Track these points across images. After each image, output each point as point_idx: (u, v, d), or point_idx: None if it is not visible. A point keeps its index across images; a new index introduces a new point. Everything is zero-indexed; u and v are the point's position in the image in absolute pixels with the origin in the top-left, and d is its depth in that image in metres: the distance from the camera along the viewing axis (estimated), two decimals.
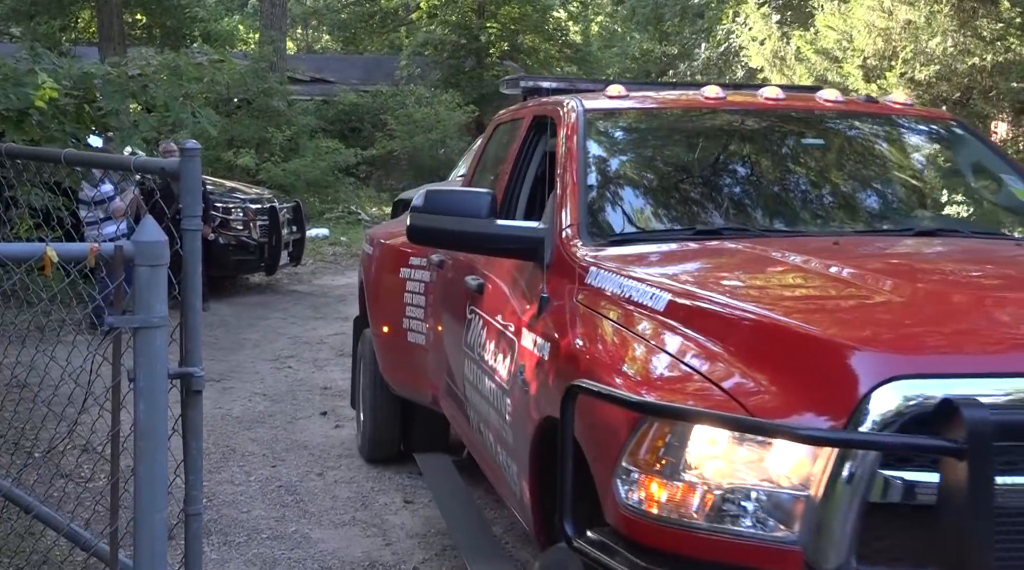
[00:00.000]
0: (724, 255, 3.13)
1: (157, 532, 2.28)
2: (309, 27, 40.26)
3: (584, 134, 3.63)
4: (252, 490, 5.27)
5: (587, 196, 3.42)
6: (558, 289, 3.06)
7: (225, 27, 30.81)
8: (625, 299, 2.75)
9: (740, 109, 4.08)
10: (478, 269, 3.98)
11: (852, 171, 3.96)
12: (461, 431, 4.43)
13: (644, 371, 2.50)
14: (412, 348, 5.00)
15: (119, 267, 2.22)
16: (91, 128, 6.17)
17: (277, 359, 8.50)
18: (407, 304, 5.03)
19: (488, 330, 3.63)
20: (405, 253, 5.12)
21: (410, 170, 22.90)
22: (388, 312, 5.27)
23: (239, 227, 11.47)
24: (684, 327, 2.49)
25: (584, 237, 3.23)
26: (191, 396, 2.43)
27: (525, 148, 4.20)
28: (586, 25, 36.71)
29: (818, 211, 3.70)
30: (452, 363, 4.33)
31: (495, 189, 4.12)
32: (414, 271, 5.01)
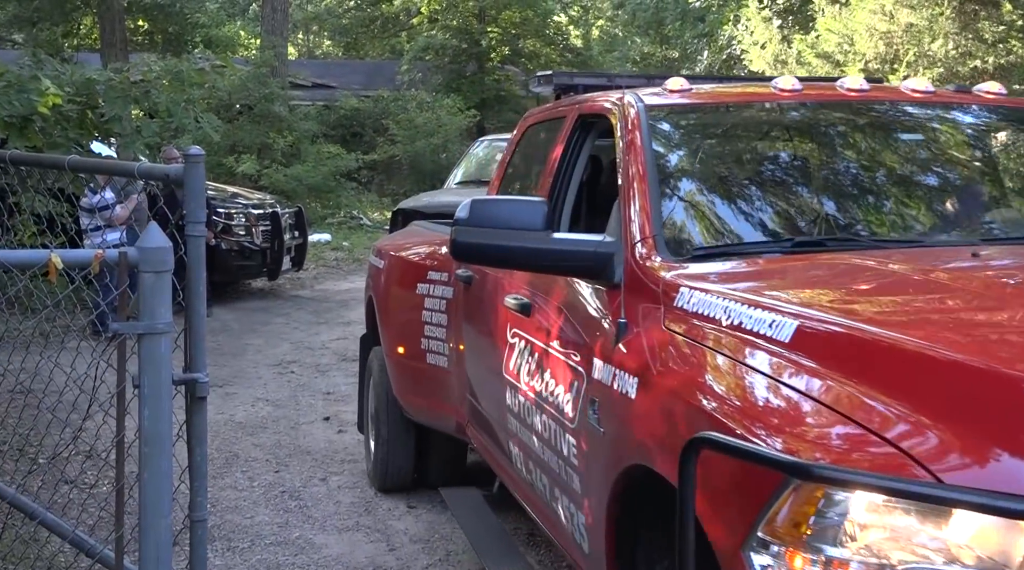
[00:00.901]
0: (845, 271, 2.68)
1: (162, 538, 2.28)
2: (310, 32, 40.33)
3: (648, 133, 3.19)
4: (255, 495, 5.26)
5: (660, 205, 2.99)
6: (638, 313, 2.66)
7: (226, 33, 30.84)
8: (735, 327, 2.32)
9: (823, 102, 3.60)
10: (521, 288, 3.56)
11: (962, 169, 3.50)
12: (497, 466, 4.02)
13: (780, 419, 2.04)
14: (432, 371, 4.62)
15: (124, 273, 2.22)
16: (94, 134, 6.16)
17: (280, 364, 8.50)
18: (425, 323, 4.63)
19: (540, 357, 3.23)
20: (422, 266, 4.79)
21: (412, 175, 22.92)
22: (403, 331, 4.90)
23: (241, 232, 11.47)
24: (820, 362, 2.07)
25: (662, 252, 2.81)
26: (196, 402, 2.43)
27: (569, 151, 3.78)
28: (587, 29, 36.75)
29: (935, 216, 3.25)
30: (486, 390, 3.97)
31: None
32: (433, 286, 4.61)
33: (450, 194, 9.91)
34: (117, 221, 8.96)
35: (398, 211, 9.24)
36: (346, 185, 20.36)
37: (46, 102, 4.73)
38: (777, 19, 13.88)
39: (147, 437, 2.26)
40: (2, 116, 4.78)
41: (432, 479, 5.13)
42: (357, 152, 20.89)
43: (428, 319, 4.61)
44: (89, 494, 4.44)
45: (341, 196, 19.73)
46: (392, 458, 5.17)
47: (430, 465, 5.19)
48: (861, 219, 3.20)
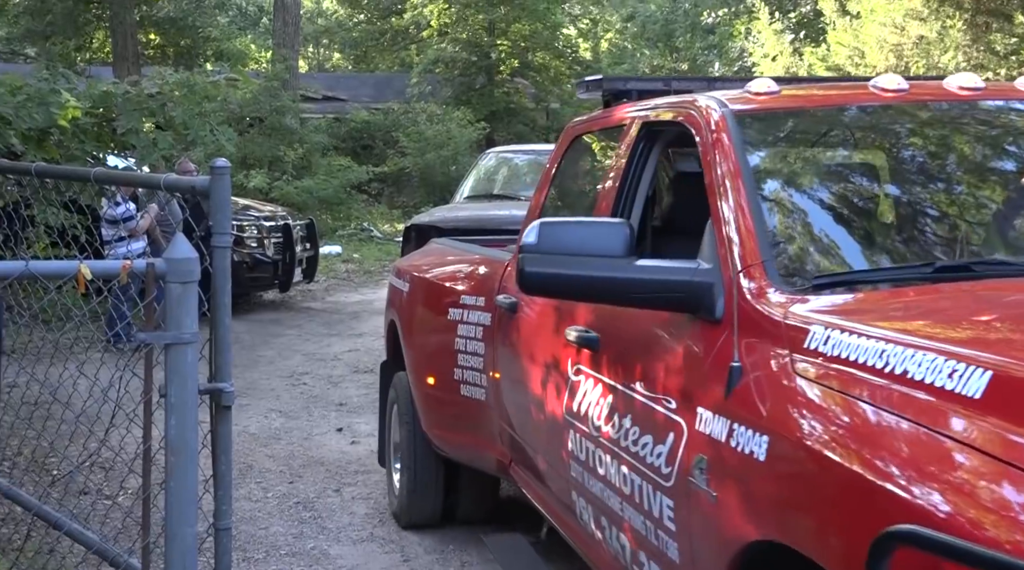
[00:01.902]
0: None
1: (188, 546, 2.30)
2: (320, 45, 40.52)
3: (741, 143, 2.77)
4: (270, 507, 5.27)
5: (765, 226, 2.56)
6: (753, 356, 2.25)
7: (237, 46, 31.04)
8: (899, 377, 1.88)
9: (938, 103, 3.14)
10: (586, 319, 3.16)
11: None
12: (552, 513, 3.60)
13: (995, 505, 1.59)
14: (467, 404, 4.22)
15: (151, 284, 2.24)
16: (110, 147, 6.22)
17: (292, 376, 8.52)
18: (459, 351, 4.21)
19: (617, 401, 2.84)
20: (454, 290, 4.38)
21: (422, 187, 22.98)
22: (433, 360, 4.49)
23: (253, 244, 11.51)
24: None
25: (775, 281, 2.38)
26: (221, 411, 2.45)
27: (633, 164, 3.33)
28: (596, 42, 36.85)
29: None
30: (538, 432, 3.56)
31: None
32: (468, 312, 4.20)
33: (465, 209, 9.55)
34: (137, 232, 9.02)
35: (411, 227, 8.77)
36: (357, 197, 20.43)
37: (65, 115, 4.78)
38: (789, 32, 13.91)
39: (173, 446, 2.28)
40: (21, 129, 4.82)
41: (461, 516, 4.85)
42: (368, 164, 20.97)
43: (462, 347, 4.20)
44: (114, 503, 4.46)
45: (352, 208, 19.79)
46: (419, 494, 4.78)
47: (459, 501, 4.84)
48: (1006, 240, 2.80)
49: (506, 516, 4.84)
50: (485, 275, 4.26)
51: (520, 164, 10.95)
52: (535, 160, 10.72)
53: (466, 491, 4.81)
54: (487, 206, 9.27)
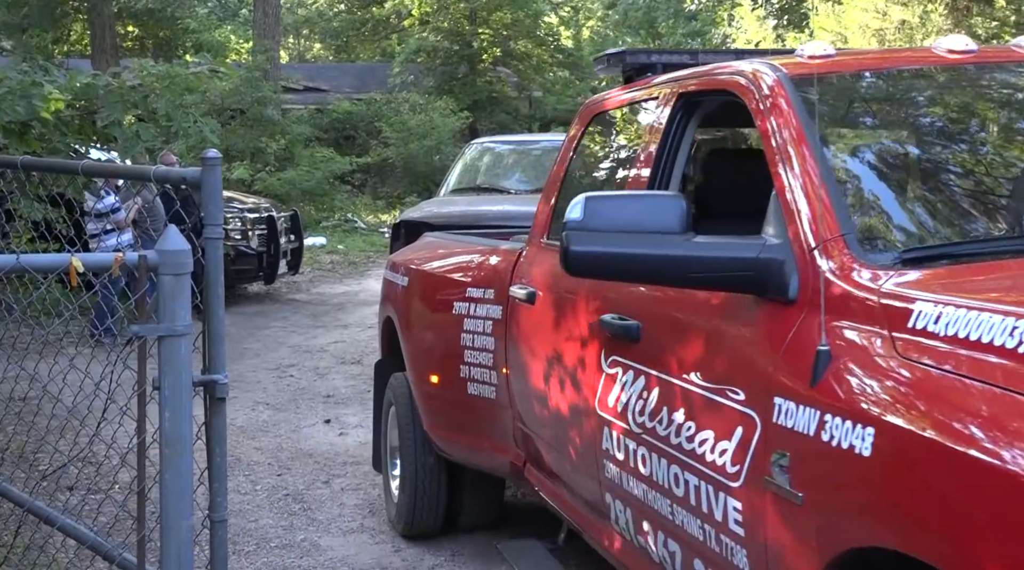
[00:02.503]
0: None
1: (184, 539, 2.29)
2: (301, 36, 40.33)
3: (802, 106, 2.55)
4: (259, 499, 5.26)
5: (840, 194, 2.35)
6: (844, 338, 2.04)
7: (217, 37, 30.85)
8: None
9: (1013, 65, 2.96)
10: (623, 304, 2.91)
11: None
12: (578, 518, 3.35)
13: None
14: (475, 403, 4.00)
15: (143, 276, 2.23)
16: (92, 139, 6.17)
17: (278, 368, 8.50)
18: (465, 347, 3.98)
19: (664, 393, 2.61)
20: (459, 283, 4.16)
21: (405, 177, 22.96)
22: (436, 357, 4.27)
23: (237, 236, 11.47)
24: None
25: (859, 255, 2.18)
26: (215, 403, 2.44)
27: (669, 138, 3.06)
28: (577, 30, 36.83)
29: None
30: (562, 429, 3.31)
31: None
32: (475, 305, 3.96)
33: (454, 204, 8.97)
34: (120, 225, 8.98)
35: (401, 224, 8.24)
36: (340, 188, 20.39)
37: (48, 108, 4.73)
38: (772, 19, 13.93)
39: (168, 439, 2.27)
40: (3, 122, 4.77)
41: (464, 522, 4.62)
42: (351, 155, 20.91)
43: (469, 343, 3.97)
44: (107, 498, 4.44)
45: (335, 199, 19.74)
46: (420, 501, 4.51)
47: (463, 507, 4.59)
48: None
49: (512, 522, 4.71)
50: (494, 266, 4.02)
51: (506, 155, 10.53)
52: (522, 150, 10.49)
53: (470, 496, 4.57)
54: (476, 200, 8.96)
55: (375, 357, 8.91)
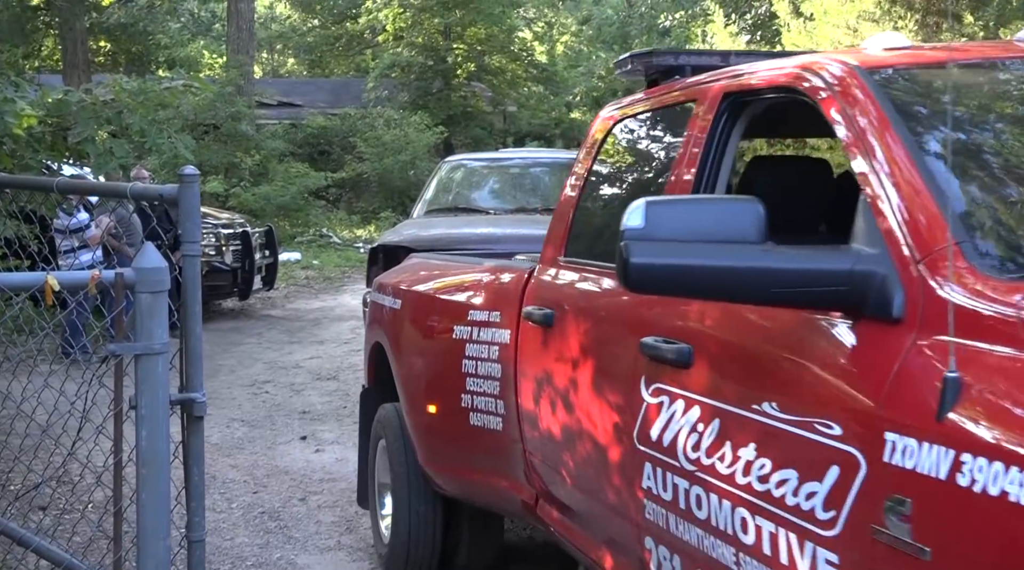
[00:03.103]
0: None
1: (161, 560, 2.27)
2: (275, 51, 40.27)
3: (887, 102, 2.27)
4: (235, 517, 5.22)
5: (946, 197, 2.06)
6: (979, 363, 1.76)
7: (189, 53, 30.75)
8: None
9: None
10: (668, 326, 2.57)
11: None
12: (605, 564, 3.02)
13: None
14: (478, 435, 3.67)
15: (120, 294, 2.21)
16: (64, 155, 6.13)
17: (253, 384, 8.45)
18: (468, 374, 3.67)
19: (728, 427, 2.28)
20: (460, 305, 3.84)
21: (380, 192, 22.94)
22: (434, 386, 3.99)
23: (211, 252, 11.41)
24: None
25: (981, 266, 1.90)
26: (193, 421, 2.42)
27: (714, 144, 2.75)
28: (551, 45, 37.01)
29: None
30: (590, 465, 2.97)
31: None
32: (478, 329, 3.66)
33: (434, 226, 8.21)
34: (92, 242, 8.90)
35: (379, 248, 7.53)
36: (315, 203, 20.35)
37: (21, 124, 4.70)
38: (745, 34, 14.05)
39: (145, 458, 2.25)
40: None
41: (461, 562, 4.30)
42: (325, 170, 20.88)
43: (471, 370, 3.66)
44: (82, 518, 4.39)
45: (310, 214, 19.70)
46: (415, 541, 4.17)
47: (460, 546, 4.28)
48: None
49: (513, 560, 4.54)
50: (500, 286, 3.73)
51: (482, 173, 9.87)
52: (498, 168, 9.97)
53: (469, 535, 4.25)
54: (456, 222, 8.33)
55: (351, 373, 8.99)
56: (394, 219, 21.69)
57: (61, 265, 8.39)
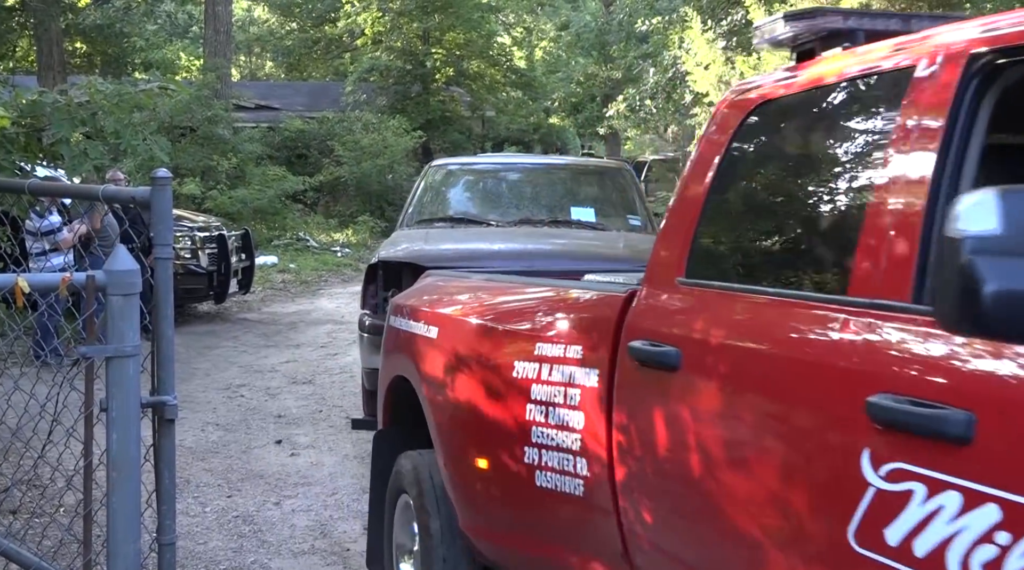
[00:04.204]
0: None
1: (131, 563, 2.26)
2: (252, 54, 40.12)
3: None
4: (208, 521, 5.20)
5: None
6: None
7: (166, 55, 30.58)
8: None
9: None
10: (921, 379, 1.79)
11: None
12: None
13: None
14: (549, 499, 2.90)
15: (91, 296, 2.20)
16: (38, 157, 6.08)
17: (229, 388, 8.41)
18: (534, 423, 2.92)
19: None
20: (523, 335, 3.09)
21: (358, 196, 22.90)
22: (487, 434, 3.22)
23: (187, 255, 11.36)
24: None
25: None
26: (164, 424, 2.41)
27: (958, 123, 1.94)
28: (530, 51, 37.08)
29: None
30: (757, 564, 2.14)
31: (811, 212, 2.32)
32: (550, 366, 2.89)
33: (439, 239, 6.99)
34: (63, 245, 8.84)
35: (378, 264, 6.45)
36: (292, 207, 20.26)
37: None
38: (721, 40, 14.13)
39: (116, 461, 2.24)
40: None
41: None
42: (303, 174, 20.81)
43: (539, 417, 2.92)
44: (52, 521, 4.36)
45: (287, 218, 19.63)
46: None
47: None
48: None
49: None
50: (584, 314, 2.98)
51: (477, 179, 8.59)
52: (494, 173, 8.68)
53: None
54: (462, 236, 7.15)
55: (327, 377, 8.97)
56: (371, 223, 21.68)
57: (32, 268, 8.33)
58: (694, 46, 13.26)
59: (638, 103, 19.33)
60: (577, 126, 33.43)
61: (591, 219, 7.58)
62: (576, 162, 11.12)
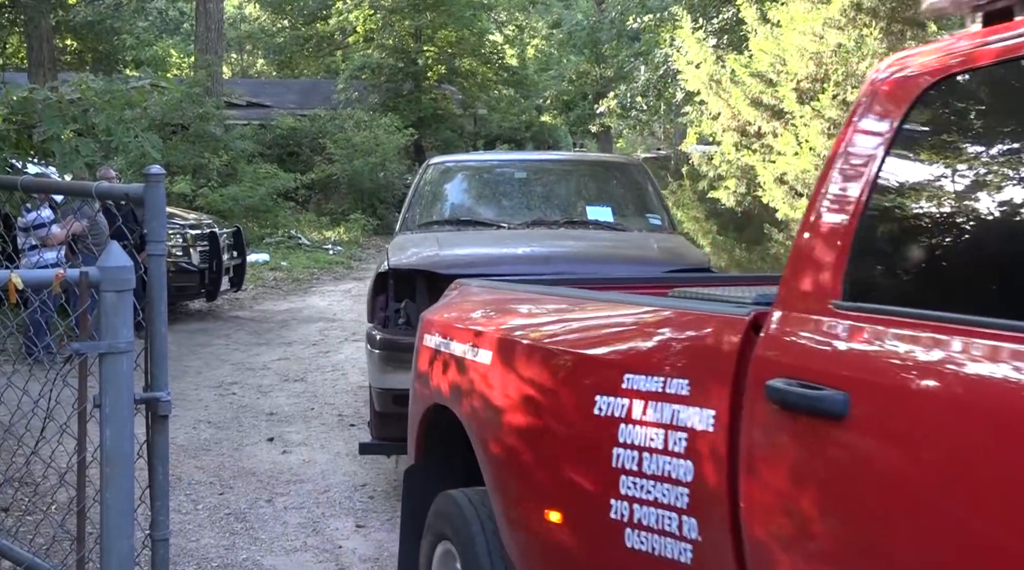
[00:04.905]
0: None
1: (125, 559, 2.27)
2: (244, 51, 40.05)
3: None
4: (200, 518, 5.20)
5: None
6: None
7: (157, 52, 30.52)
8: None
9: None
10: None
11: None
12: None
13: None
14: (643, 563, 2.36)
15: (85, 293, 2.21)
16: (30, 154, 6.07)
17: (221, 386, 8.41)
18: (624, 471, 2.38)
19: None
20: (608, 365, 2.52)
21: (350, 194, 22.89)
22: (558, 482, 2.67)
23: (178, 253, 11.35)
24: None
25: None
26: (158, 420, 2.42)
27: None
28: (522, 49, 37.11)
29: None
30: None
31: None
32: (646, 403, 2.34)
33: (453, 244, 6.33)
34: (54, 241, 8.82)
35: (389, 272, 5.72)
36: (284, 205, 20.24)
37: None
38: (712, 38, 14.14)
39: (109, 457, 2.25)
40: None
41: None
42: (294, 172, 20.80)
43: (630, 464, 2.37)
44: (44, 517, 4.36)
45: (279, 216, 19.61)
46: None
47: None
48: None
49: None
50: (691, 339, 2.39)
51: (480, 178, 7.84)
52: (498, 172, 7.92)
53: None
54: (475, 239, 6.54)
55: (319, 375, 8.98)
56: (363, 221, 21.68)
57: (23, 264, 8.32)
58: (685, 45, 13.27)
59: (629, 101, 19.35)
60: (569, 124, 33.47)
61: (608, 219, 6.97)
62: (585, 157, 10.72)
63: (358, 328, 11.32)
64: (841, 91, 10.66)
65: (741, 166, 12.28)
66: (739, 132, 12.40)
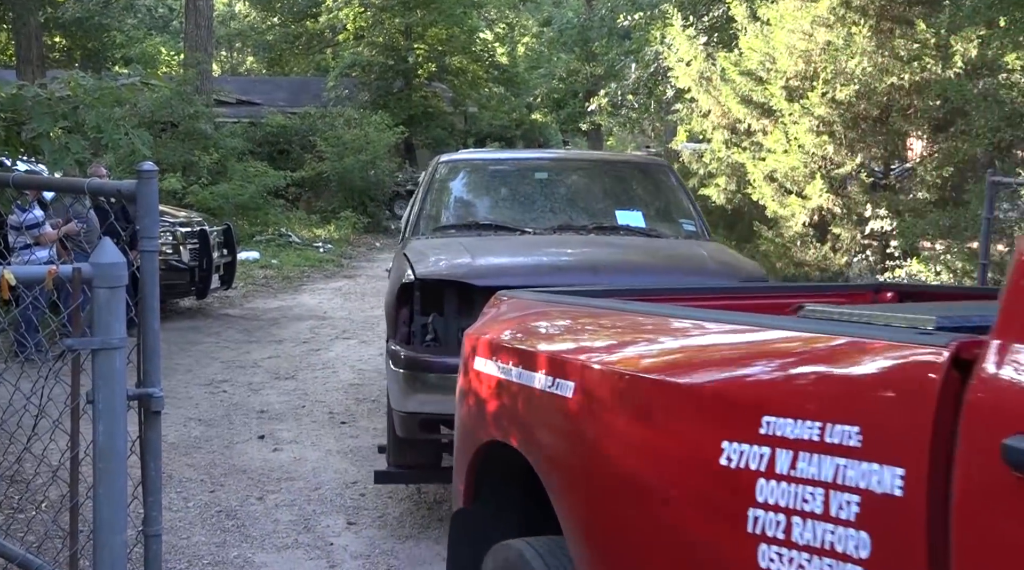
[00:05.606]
0: None
1: (117, 554, 2.27)
2: (233, 49, 39.96)
3: None
4: (191, 516, 5.20)
5: None
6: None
7: (146, 49, 30.43)
8: None
9: None
10: None
11: None
12: None
13: None
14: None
15: (77, 289, 2.21)
16: (19, 152, 6.05)
17: (211, 383, 8.40)
18: (764, 539, 1.87)
19: None
20: (742, 401, 2.00)
21: (340, 192, 22.87)
22: (673, 548, 2.13)
23: (169, 251, 11.32)
24: None
25: None
26: (151, 416, 2.43)
27: None
28: (512, 47, 37.12)
29: None
30: None
31: None
32: (802, 456, 1.81)
33: (482, 251, 5.50)
34: (46, 239, 8.80)
35: (416, 282, 5.03)
36: (274, 203, 20.22)
37: None
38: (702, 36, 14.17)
39: (102, 453, 2.26)
40: None
41: None
42: (285, 170, 20.77)
43: (773, 531, 1.85)
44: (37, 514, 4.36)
45: (269, 214, 19.59)
46: None
47: None
48: None
49: None
50: (856, 370, 1.84)
51: (496, 178, 7.06)
52: (516, 172, 7.12)
53: None
54: (509, 246, 5.87)
55: (309, 372, 8.99)
56: (354, 219, 21.66)
57: (15, 262, 8.29)
58: (675, 42, 13.30)
59: (620, 99, 19.38)
60: (559, 122, 33.50)
61: (640, 224, 6.35)
62: (607, 156, 10.29)
63: (348, 326, 11.32)
64: (830, 89, 10.70)
65: (731, 163, 12.32)
66: (729, 130, 12.44)
